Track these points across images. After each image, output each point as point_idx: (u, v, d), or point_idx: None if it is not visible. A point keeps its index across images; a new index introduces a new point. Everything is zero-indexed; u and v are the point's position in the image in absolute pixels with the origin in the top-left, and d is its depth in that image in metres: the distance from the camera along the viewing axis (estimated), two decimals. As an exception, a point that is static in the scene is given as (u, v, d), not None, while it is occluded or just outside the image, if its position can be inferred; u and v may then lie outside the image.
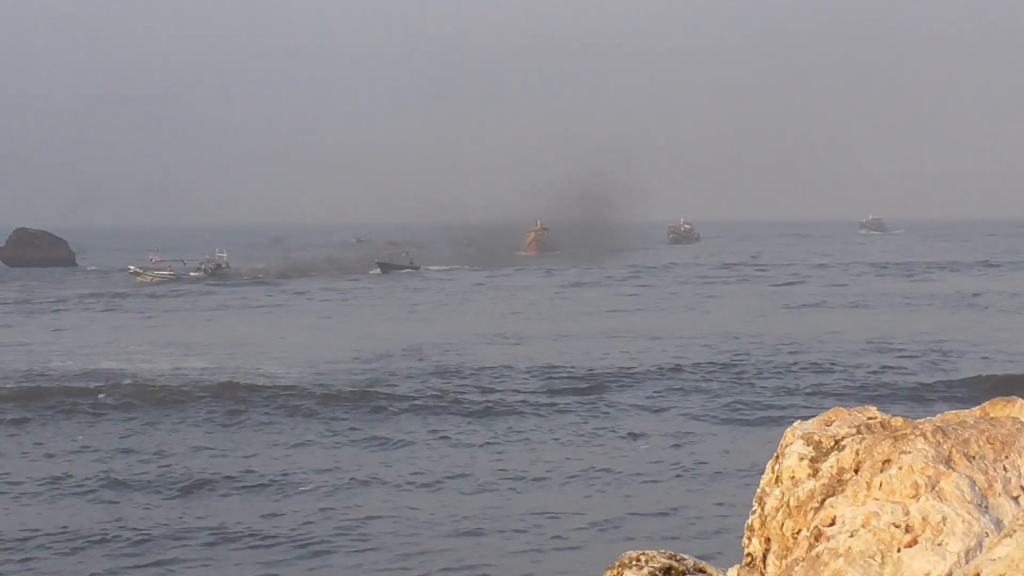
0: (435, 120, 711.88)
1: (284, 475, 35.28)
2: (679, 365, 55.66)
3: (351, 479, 34.81)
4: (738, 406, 45.78)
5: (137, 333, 75.20)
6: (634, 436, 40.50)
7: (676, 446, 38.99)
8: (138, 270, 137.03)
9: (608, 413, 45.14)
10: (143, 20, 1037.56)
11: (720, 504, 31.25)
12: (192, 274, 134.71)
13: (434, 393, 48.73)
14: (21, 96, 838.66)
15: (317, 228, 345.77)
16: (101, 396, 47.87)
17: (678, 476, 35.01)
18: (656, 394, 48.86)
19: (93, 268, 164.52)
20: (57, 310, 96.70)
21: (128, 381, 52.15)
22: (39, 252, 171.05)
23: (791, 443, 6.52)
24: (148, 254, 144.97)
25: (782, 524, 6.36)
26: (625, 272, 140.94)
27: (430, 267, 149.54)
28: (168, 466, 36.64)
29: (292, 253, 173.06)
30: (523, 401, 47.22)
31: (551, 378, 52.76)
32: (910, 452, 6.19)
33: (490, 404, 46.24)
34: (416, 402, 46.69)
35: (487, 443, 40.06)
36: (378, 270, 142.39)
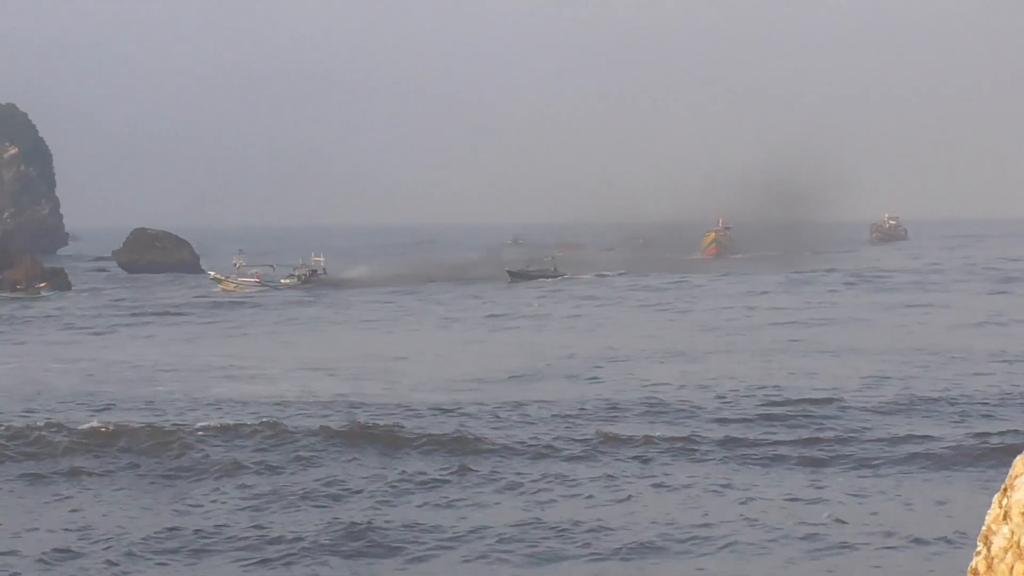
0: (608, 106, 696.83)
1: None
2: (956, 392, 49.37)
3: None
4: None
5: (252, 349, 70.52)
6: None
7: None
8: (219, 276, 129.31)
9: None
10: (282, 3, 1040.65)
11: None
12: (284, 281, 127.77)
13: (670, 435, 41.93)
14: (140, 78, 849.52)
15: (479, 228, 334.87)
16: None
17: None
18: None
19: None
20: (169, 323, 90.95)
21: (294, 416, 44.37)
22: (160, 255, 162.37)
23: (1021, 473, 6.25)
24: (291, 257, 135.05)
25: (1011, 567, 6.01)
26: (834, 277, 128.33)
27: (582, 275, 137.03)
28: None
29: (439, 255, 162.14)
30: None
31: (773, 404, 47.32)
32: None
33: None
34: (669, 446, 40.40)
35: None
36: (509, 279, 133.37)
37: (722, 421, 44.22)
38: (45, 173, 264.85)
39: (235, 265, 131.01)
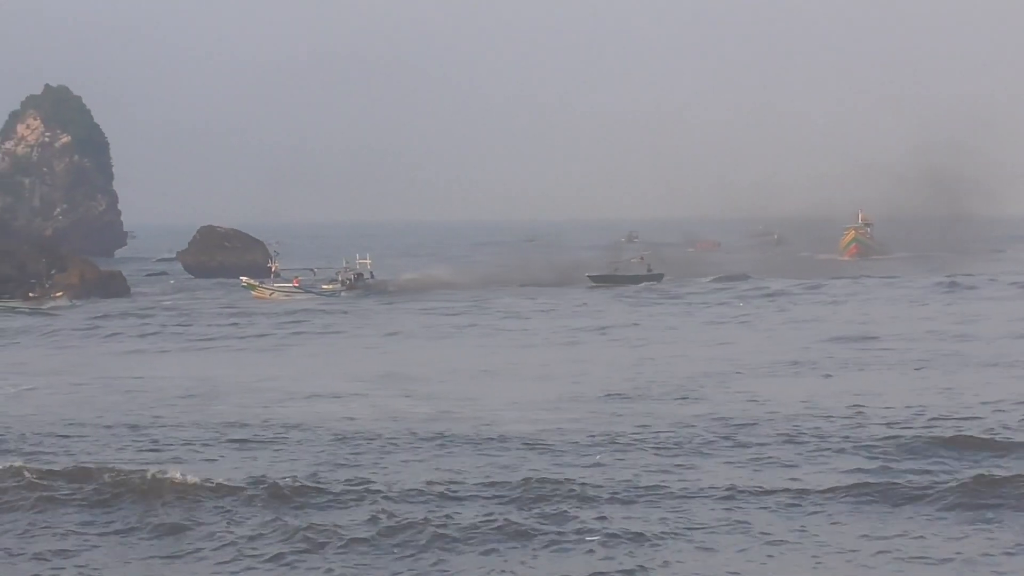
0: (734, 89, 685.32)
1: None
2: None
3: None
4: None
5: (310, 365, 65.38)
6: None
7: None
8: (251, 282, 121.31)
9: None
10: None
11: None
12: (325, 286, 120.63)
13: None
14: (204, 68, 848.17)
15: (593, 224, 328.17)
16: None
17: None
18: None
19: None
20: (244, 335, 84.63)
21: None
22: (230, 256, 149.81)
23: None
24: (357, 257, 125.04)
25: None
26: (1001, 283, 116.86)
27: (697, 277, 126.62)
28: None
29: (535, 254, 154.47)
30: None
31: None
32: None
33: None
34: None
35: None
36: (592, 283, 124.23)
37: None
38: (102, 164, 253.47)
39: (271, 269, 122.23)
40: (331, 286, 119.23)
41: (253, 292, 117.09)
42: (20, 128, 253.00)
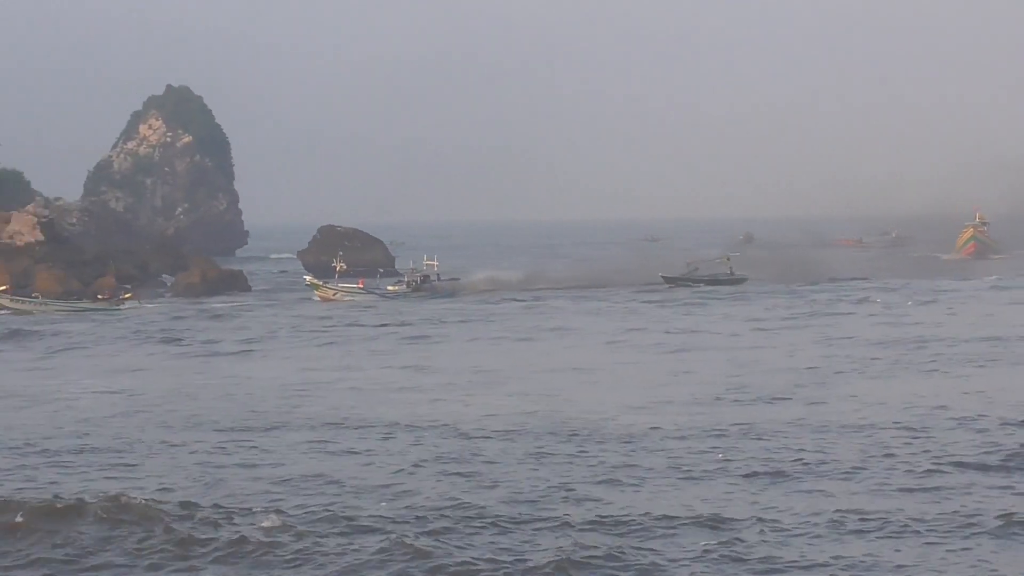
0: (852, 86, 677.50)
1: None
2: None
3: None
4: None
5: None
6: None
7: None
8: (315, 282, 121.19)
9: None
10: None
11: None
12: (391, 288, 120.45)
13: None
14: (317, 69, 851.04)
15: (709, 223, 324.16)
16: None
17: None
18: None
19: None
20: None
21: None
22: (349, 255, 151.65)
23: None
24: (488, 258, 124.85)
25: None
26: None
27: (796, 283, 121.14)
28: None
29: (665, 255, 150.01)
30: None
31: None
32: None
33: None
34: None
35: None
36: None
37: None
38: (222, 164, 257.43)
39: (335, 270, 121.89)
40: (396, 288, 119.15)
41: (317, 292, 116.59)
42: (142, 128, 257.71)
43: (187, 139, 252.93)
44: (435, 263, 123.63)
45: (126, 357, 71.79)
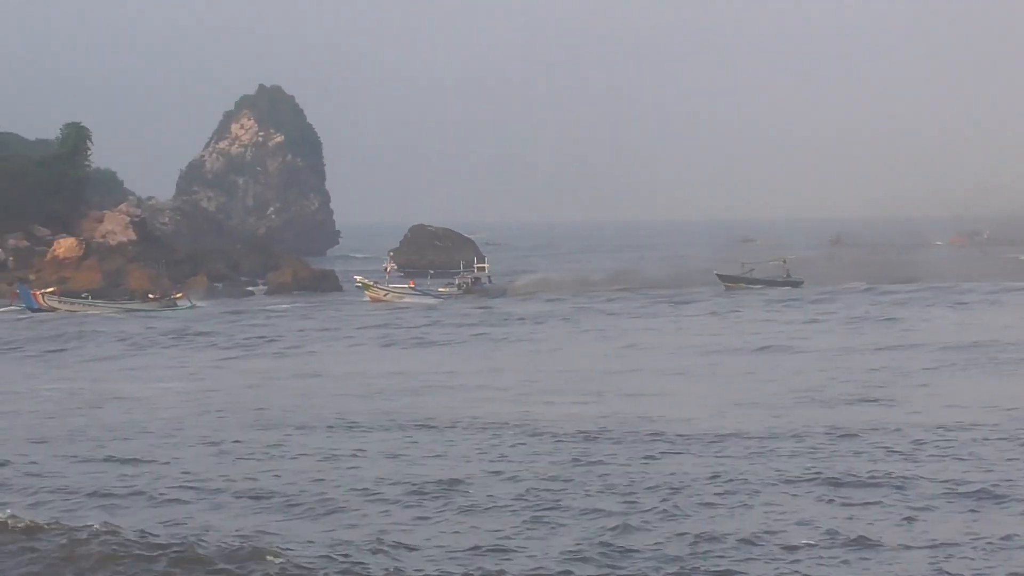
0: (951, 88, 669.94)
1: None
2: None
3: None
4: None
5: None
6: None
7: None
8: (366, 282, 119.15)
9: None
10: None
11: None
12: (442, 289, 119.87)
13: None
14: (407, 71, 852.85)
15: (813, 223, 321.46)
16: None
17: None
18: None
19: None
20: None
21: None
22: (440, 255, 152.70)
23: None
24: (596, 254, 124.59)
25: None
26: None
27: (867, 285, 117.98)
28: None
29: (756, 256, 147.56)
30: None
31: None
32: None
33: None
34: None
35: None
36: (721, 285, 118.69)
37: None
38: (314, 164, 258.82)
39: (385, 270, 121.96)
40: (447, 289, 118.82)
41: (367, 292, 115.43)
42: (234, 128, 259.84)
43: (279, 139, 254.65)
44: (486, 266, 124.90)
45: (196, 357, 72.19)
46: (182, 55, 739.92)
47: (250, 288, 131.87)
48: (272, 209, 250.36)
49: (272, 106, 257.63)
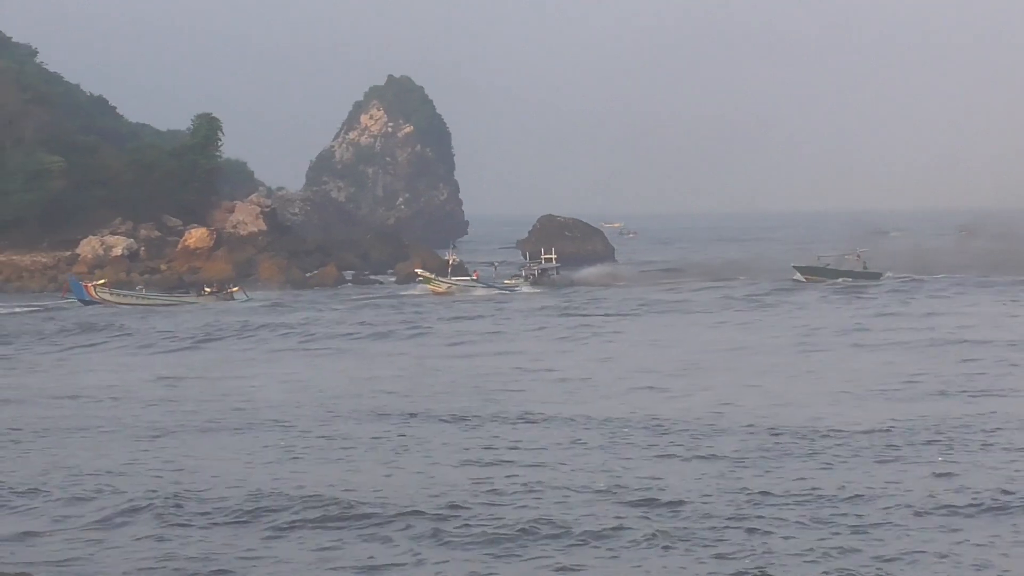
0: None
1: None
2: None
3: None
4: None
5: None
6: None
7: None
8: (427, 275, 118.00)
9: None
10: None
11: None
12: (507, 281, 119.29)
13: None
14: (545, 49, 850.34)
15: (926, 213, 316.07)
16: None
17: None
18: None
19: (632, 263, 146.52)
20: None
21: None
22: (569, 245, 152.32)
23: None
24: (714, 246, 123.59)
25: None
26: None
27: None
28: None
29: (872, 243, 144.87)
30: None
31: None
32: None
33: None
34: None
35: None
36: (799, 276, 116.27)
37: None
38: (443, 154, 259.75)
39: (448, 262, 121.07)
40: (512, 281, 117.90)
41: (428, 286, 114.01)
42: (364, 118, 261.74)
43: (408, 129, 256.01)
44: (553, 256, 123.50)
45: (286, 348, 72.59)
46: (312, 46, 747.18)
47: (375, 277, 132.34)
48: (401, 199, 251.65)
49: (401, 96, 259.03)
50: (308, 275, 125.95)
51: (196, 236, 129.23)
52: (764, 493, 31.68)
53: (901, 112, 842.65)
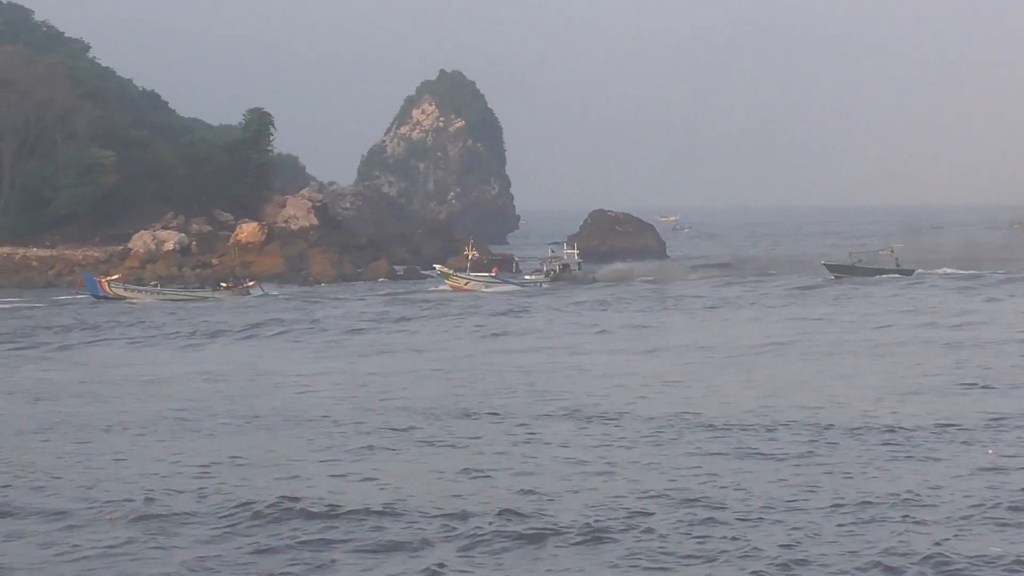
0: None
1: None
2: None
3: None
4: None
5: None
6: None
7: None
8: (446, 271, 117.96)
9: None
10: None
11: None
12: (528, 277, 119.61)
13: None
14: (603, 46, 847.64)
15: (976, 209, 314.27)
16: None
17: None
18: None
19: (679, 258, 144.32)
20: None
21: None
22: (621, 240, 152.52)
23: None
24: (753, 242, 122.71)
25: None
26: None
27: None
28: None
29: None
30: None
31: None
32: None
33: None
34: None
35: None
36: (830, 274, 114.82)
37: None
38: (494, 149, 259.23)
39: (466, 258, 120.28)
40: (533, 276, 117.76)
41: (447, 281, 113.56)
42: (415, 113, 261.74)
43: (460, 124, 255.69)
44: (575, 252, 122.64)
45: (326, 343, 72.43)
46: (364, 40, 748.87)
47: (426, 272, 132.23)
48: (452, 194, 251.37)
49: (453, 91, 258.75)
50: (359, 269, 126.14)
51: (247, 231, 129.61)
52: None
53: (953, 109, 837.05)
